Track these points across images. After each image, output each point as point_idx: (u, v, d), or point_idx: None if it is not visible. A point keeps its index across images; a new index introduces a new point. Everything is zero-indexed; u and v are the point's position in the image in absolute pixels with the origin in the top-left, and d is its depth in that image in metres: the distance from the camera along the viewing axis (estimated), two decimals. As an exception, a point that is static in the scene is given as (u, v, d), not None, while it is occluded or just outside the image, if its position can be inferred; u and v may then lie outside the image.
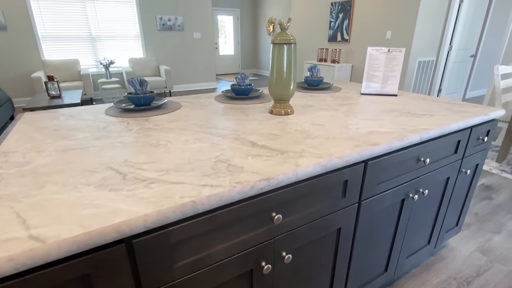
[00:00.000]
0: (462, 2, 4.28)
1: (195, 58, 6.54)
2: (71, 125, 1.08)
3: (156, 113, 1.23)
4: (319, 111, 1.27)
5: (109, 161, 0.76)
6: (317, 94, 1.65)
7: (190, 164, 0.74)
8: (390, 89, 1.61)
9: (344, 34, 5.14)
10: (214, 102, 1.46)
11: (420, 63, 4.39)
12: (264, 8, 8.71)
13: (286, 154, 0.80)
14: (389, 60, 1.57)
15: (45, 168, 0.72)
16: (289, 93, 1.19)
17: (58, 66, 5.00)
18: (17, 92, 5.06)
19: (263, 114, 1.22)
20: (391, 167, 0.99)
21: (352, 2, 4.88)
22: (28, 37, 4.89)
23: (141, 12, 5.67)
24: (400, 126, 1.05)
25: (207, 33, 6.49)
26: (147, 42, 5.90)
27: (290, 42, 1.12)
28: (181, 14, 6.07)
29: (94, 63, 5.58)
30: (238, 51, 9.41)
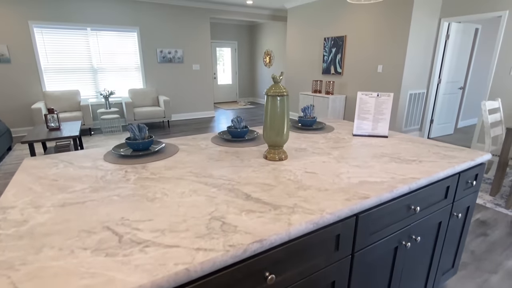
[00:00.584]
0: (448, 38, 4.52)
1: (194, 88, 6.71)
2: (70, 174, 1.10)
3: (154, 158, 1.27)
4: (312, 156, 1.31)
5: (106, 219, 0.78)
6: (310, 135, 1.70)
7: (185, 222, 0.76)
8: (381, 131, 1.67)
9: (337, 67, 5.35)
10: (210, 144, 1.50)
11: (411, 95, 4.54)
12: (260, 40, 9.10)
13: (279, 209, 0.83)
14: (379, 104, 1.65)
15: (42, 227, 0.74)
16: (283, 140, 1.24)
17: (59, 97, 5.10)
18: (17, 122, 5.11)
19: (258, 160, 1.26)
20: (383, 217, 1.01)
21: (344, 37, 5.13)
22: (30, 70, 5.03)
23: (142, 45, 5.90)
24: (390, 175, 1.09)
25: (206, 64, 6.72)
26: (147, 73, 6.08)
27: (283, 94, 1.18)
28: (181, 47, 6.32)
29: (94, 94, 5.70)
30: (236, 80, 9.68)
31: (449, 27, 4.47)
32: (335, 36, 5.31)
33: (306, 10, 5.94)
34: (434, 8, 4.33)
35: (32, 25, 4.91)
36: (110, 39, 5.60)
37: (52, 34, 5.11)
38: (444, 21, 4.40)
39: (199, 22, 6.40)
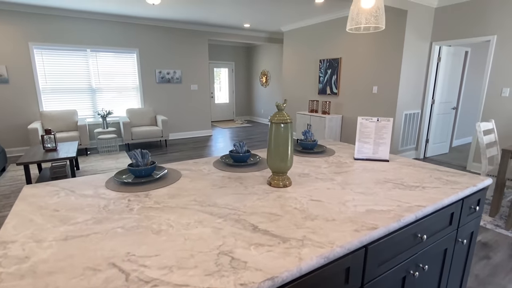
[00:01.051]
0: (440, 60, 4.67)
1: (192, 107, 6.76)
2: (72, 203, 1.08)
3: (156, 185, 1.25)
4: (316, 182, 1.31)
5: (111, 254, 0.76)
6: (312, 159, 1.71)
7: (192, 258, 0.74)
8: (382, 155, 1.69)
9: (333, 88, 5.45)
10: (213, 169, 1.50)
11: (406, 116, 4.62)
12: (257, 61, 9.30)
13: (288, 242, 0.82)
14: (379, 128, 1.67)
15: (45, 265, 0.71)
16: (287, 167, 1.24)
17: (56, 117, 5.09)
18: (12, 142, 5.06)
19: (262, 186, 1.25)
20: (391, 247, 1.00)
21: (339, 59, 5.27)
22: (28, 90, 5.04)
23: (141, 66, 5.98)
24: (396, 203, 1.09)
25: (203, 84, 6.81)
26: (145, 93, 6.12)
27: (287, 122, 1.19)
28: (180, 68, 6.42)
29: (92, 114, 5.70)
30: (233, 99, 9.80)
31: (440, 50, 4.64)
32: (330, 58, 5.46)
33: (302, 33, 6.13)
34: (425, 32, 4.50)
35: (32, 46, 4.97)
36: (109, 60, 5.68)
37: (51, 55, 5.17)
38: (435, 45, 4.56)
39: (197, 43, 6.54)
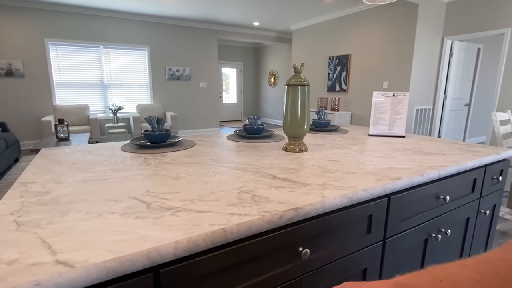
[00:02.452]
0: (452, 56, 4.61)
1: (200, 105, 6.80)
2: (89, 159, 1.08)
3: (172, 149, 1.25)
4: (332, 149, 1.29)
5: (131, 191, 0.75)
6: (327, 135, 1.68)
7: (213, 194, 0.73)
8: (398, 131, 1.65)
9: (342, 85, 5.43)
10: (227, 141, 1.49)
11: (418, 111, 4.56)
12: (265, 61, 9.34)
13: (309, 186, 0.80)
14: (395, 103, 1.64)
15: (67, 197, 0.71)
16: (303, 131, 1.22)
17: (68, 111, 5.17)
18: (26, 135, 5.15)
19: (277, 151, 1.24)
20: (413, 203, 0.97)
21: (349, 56, 5.25)
22: (43, 84, 5.15)
23: (152, 62, 6.06)
24: (417, 163, 1.06)
25: (212, 83, 6.85)
26: (155, 90, 6.19)
27: (304, 84, 1.18)
28: (189, 66, 6.48)
29: (103, 109, 5.78)
30: (241, 99, 9.83)
31: (452, 45, 4.58)
32: (339, 55, 5.45)
33: (311, 31, 6.14)
34: (437, 27, 4.46)
35: (47, 42, 5.09)
36: (121, 56, 5.77)
37: (66, 50, 5.29)
38: (447, 40, 4.51)
39: (207, 42, 6.61)
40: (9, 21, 4.77)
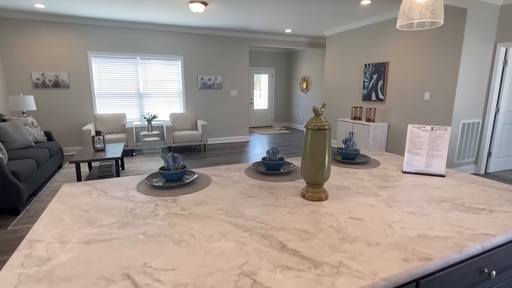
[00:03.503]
0: (506, 64, 4.12)
1: (231, 113, 6.85)
2: (102, 205, 1.08)
3: (185, 191, 1.21)
4: (357, 197, 1.16)
5: (128, 263, 0.71)
6: (354, 170, 1.55)
7: (211, 276, 0.67)
8: (436, 169, 1.47)
9: (379, 94, 5.12)
10: (244, 177, 1.42)
11: (464, 125, 4.14)
12: (298, 66, 9.17)
13: (321, 268, 0.70)
14: (433, 138, 1.46)
15: (63, 269, 0.69)
16: (323, 179, 1.12)
17: (107, 120, 5.48)
18: (68, 141, 5.56)
19: (294, 198, 1.15)
20: (448, 284, 0.83)
21: (387, 64, 4.93)
22: (85, 94, 5.52)
23: (185, 72, 6.23)
24: (455, 229, 0.91)
25: (243, 90, 6.87)
26: (188, 98, 6.35)
27: (325, 128, 1.08)
28: (221, 74, 6.56)
29: (139, 117, 6.06)
30: (272, 105, 9.76)
31: (506, 52, 4.09)
32: (376, 62, 5.14)
33: (346, 37, 5.89)
34: (489, 32, 4.01)
35: (90, 55, 5.45)
36: (156, 66, 6.00)
37: (106, 62, 5.62)
38: (500, 46, 4.04)
39: (238, 50, 6.64)
40: (57, 37, 5.17)
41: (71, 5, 4.41)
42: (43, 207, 3.12)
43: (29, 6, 4.49)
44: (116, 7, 4.49)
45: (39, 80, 5.16)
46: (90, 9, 4.64)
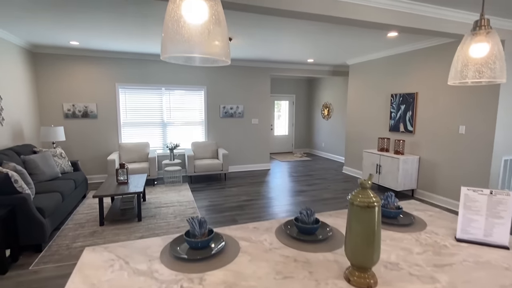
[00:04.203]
0: (550, 96, 3.81)
1: (252, 141, 6.80)
2: (123, 283, 0.98)
3: (213, 265, 1.09)
4: (412, 283, 0.99)
5: None
6: (398, 235, 1.37)
7: None
8: (498, 239, 1.27)
9: (408, 125, 4.89)
10: (275, 242, 1.29)
11: (507, 162, 3.81)
12: (319, 93, 9.10)
13: None
14: (493, 204, 1.27)
15: None
16: (372, 262, 0.97)
17: (131, 149, 5.58)
18: (93, 170, 5.67)
19: (337, 282, 0.99)
20: None
21: (415, 94, 4.74)
22: (111, 124, 5.68)
23: (207, 101, 6.31)
24: None
25: (264, 118, 6.84)
26: (209, 127, 6.39)
27: (373, 206, 0.94)
28: (242, 103, 6.60)
29: (161, 146, 6.13)
30: (292, 131, 9.66)
31: (551, 83, 3.80)
32: (404, 92, 4.96)
33: (370, 66, 5.78)
34: (529, 63, 3.76)
35: (118, 86, 5.66)
36: (180, 96, 6.13)
37: (132, 93, 5.80)
38: (543, 77, 3.76)
39: (260, 79, 6.69)
40: (88, 70, 5.44)
41: (103, 41, 4.64)
42: (65, 243, 3.10)
43: (65, 43, 4.77)
44: (144, 42, 4.68)
45: (70, 111, 5.38)
46: (120, 44, 4.85)
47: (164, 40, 0.70)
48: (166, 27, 0.69)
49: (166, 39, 0.69)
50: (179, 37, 0.67)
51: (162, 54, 0.73)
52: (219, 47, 0.70)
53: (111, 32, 4.07)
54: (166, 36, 0.69)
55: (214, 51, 0.69)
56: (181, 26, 0.67)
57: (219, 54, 0.71)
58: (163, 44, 0.70)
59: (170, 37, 0.68)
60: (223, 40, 0.71)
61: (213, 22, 0.68)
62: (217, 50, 0.70)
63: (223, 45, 0.72)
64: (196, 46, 0.67)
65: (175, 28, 0.68)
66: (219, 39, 0.70)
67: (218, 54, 0.71)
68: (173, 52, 0.69)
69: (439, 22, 3.34)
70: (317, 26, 3.78)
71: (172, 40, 0.68)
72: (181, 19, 0.68)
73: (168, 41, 0.68)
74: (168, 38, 0.68)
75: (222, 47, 0.71)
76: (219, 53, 0.71)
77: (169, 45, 0.69)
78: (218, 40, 0.70)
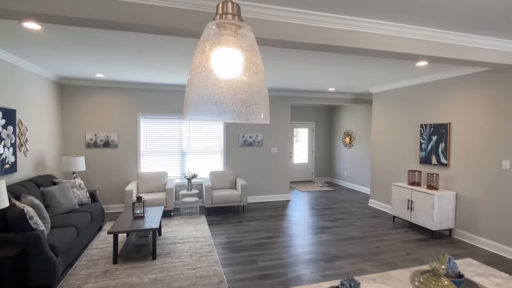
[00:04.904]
0: None
1: (271, 170, 6.59)
2: None
3: None
4: None
5: None
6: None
7: None
8: None
9: (441, 158, 4.53)
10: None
11: None
12: (340, 121, 8.88)
13: None
14: None
15: None
16: None
17: (149, 178, 5.50)
18: (111, 199, 5.61)
19: None
20: None
21: (448, 125, 4.43)
22: (131, 153, 5.68)
23: (227, 130, 6.25)
24: None
25: (284, 147, 6.66)
26: (228, 156, 6.27)
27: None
28: (261, 132, 6.47)
29: (180, 175, 6.03)
30: (312, 159, 9.37)
31: None
32: (435, 123, 4.66)
33: (396, 95, 5.55)
34: None
35: (139, 116, 5.72)
36: (200, 126, 6.11)
37: (153, 123, 5.84)
38: None
39: (280, 108, 6.60)
40: (111, 100, 5.55)
41: (127, 73, 4.73)
42: (77, 284, 2.93)
43: (91, 76, 4.92)
44: (165, 74, 4.73)
45: (92, 140, 5.44)
46: (142, 76, 4.94)
47: (188, 100, 0.55)
48: (192, 85, 0.55)
49: (190, 100, 0.54)
50: (206, 99, 0.52)
51: (185, 115, 0.58)
52: (256, 112, 0.54)
53: (134, 65, 4.14)
54: (190, 95, 0.54)
55: (251, 117, 0.54)
56: (210, 84, 0.52)
57: (257, 119, 0.55)
58: (186, 104, 0.55)
59: (195, 98, 0.53)
60: (262, 101, 0.55)
61: (251, 77, 0.53)
62: (255, 116, 0.54)
63: (262, 108, 0.56)
64: (227, 112, 0.52)
65: (203, 85, 0.53)
66: (257, 101, 0.54)
67: (256, 119, 0.55)
68: (199, 115, 0.54)
69: (471, 51, 3.13)
70: (340, 56, 3.66)
71: (197, 103, 0.53)
72: (211, 75, 0.53)
73: (193, 104, 0.53)
74: (193, 98, 0.53)
75: (260, 111, 0.55)
76: (257, 118, 0.55)
77: (193, 108, 0.54)
78: (256, 103, 0.54)
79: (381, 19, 2.58)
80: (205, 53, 0.56)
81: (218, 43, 0.56)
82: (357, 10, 2.36)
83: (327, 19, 2.47)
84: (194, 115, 0.56)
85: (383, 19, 2.58)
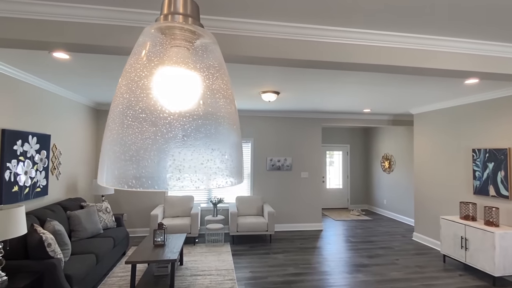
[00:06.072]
0: None
1: (301, 197, 6.19)
2: None
3: None
4: None
5: None
6: None
7: None
8: None
9: (501, 189, 3.86)
10: None
11: None
12: (377, 143, 8.27)
13: None
14: None
15: None
16: None
17: (175, 202, 5.42)
18: (138, 222, 5.60)
19: None
20: None
21: (508, 150, 3.80)
22: (160, 176, 5.68)
23: (254, 154, 6.05)
24: None
25: (314, 172, 6.27)
26: (255, 181, 6.03)
27: None
28: (291, 156, 6.18)
29: (206, 199, 5.89)
30: (347, 185, 8.76)
31: None
32: (491, 148, 4.04)
33: (441, 116, 5.00)
34: None
35: (168, 139, 5.76)
36: (226, 149, 5.99)
37: (181, 146, 5.85)
38: None
39: (310, 130, 6.29)
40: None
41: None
42: (89, 317, 2.79)
43: (123, 101, 5.08)
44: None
45: (123, 163, 5.56)
46: (172, 101, 4.99)
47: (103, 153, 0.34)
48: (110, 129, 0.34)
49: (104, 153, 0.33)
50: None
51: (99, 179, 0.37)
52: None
53: (162, 90, 4.17)
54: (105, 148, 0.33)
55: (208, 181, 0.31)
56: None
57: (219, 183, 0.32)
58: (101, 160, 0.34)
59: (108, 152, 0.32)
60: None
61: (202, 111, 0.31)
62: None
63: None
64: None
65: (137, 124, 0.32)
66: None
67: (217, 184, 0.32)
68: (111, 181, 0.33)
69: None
70: (376, 76, 3.34)
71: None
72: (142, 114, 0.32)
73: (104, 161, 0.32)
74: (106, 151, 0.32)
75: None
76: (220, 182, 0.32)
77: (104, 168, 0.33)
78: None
79: (424, 34, 2.27)
80: (137, 72, 0.36)
81: (161, 58, 0.36)
82: (402, 26, 2.08)
83: (370, 36, 2.21)
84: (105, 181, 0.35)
85: (427, 34, 2.26)
